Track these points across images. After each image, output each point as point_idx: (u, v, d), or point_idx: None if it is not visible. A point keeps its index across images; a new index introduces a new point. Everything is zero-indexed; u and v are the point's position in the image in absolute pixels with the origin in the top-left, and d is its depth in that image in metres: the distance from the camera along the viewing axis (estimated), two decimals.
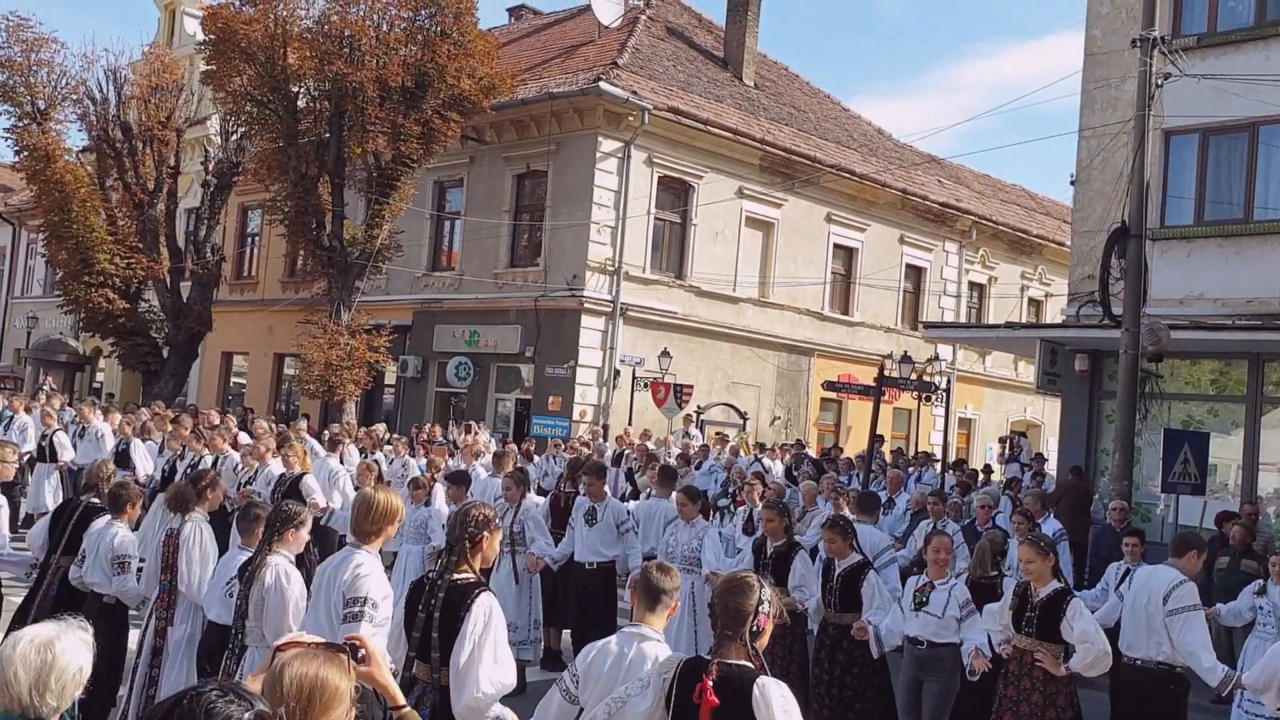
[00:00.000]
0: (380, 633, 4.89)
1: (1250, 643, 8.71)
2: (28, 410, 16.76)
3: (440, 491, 11.27)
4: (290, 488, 10.96)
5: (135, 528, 7.68)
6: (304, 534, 5.91)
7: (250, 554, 6.16)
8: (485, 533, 4.84)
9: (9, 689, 2.70)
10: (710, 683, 3.63)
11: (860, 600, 7.50)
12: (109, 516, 7.23)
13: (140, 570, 7.17)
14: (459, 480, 10.36)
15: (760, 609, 3.80)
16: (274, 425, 18.25)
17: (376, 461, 13.31)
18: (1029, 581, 6.62)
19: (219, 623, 6.17)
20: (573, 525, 9.81)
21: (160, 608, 6.88)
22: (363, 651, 2.87)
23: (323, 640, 2.58)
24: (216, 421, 16.50)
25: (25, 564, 7.75)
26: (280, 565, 5.64)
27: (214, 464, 12.30)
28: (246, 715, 2.15)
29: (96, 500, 7.61)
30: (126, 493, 7.38)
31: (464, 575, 4.76)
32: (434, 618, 4.66)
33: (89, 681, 2.87)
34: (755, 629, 3.80)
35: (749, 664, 3.73)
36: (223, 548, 7.33)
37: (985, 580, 7.95)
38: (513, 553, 9.41)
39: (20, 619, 7.19)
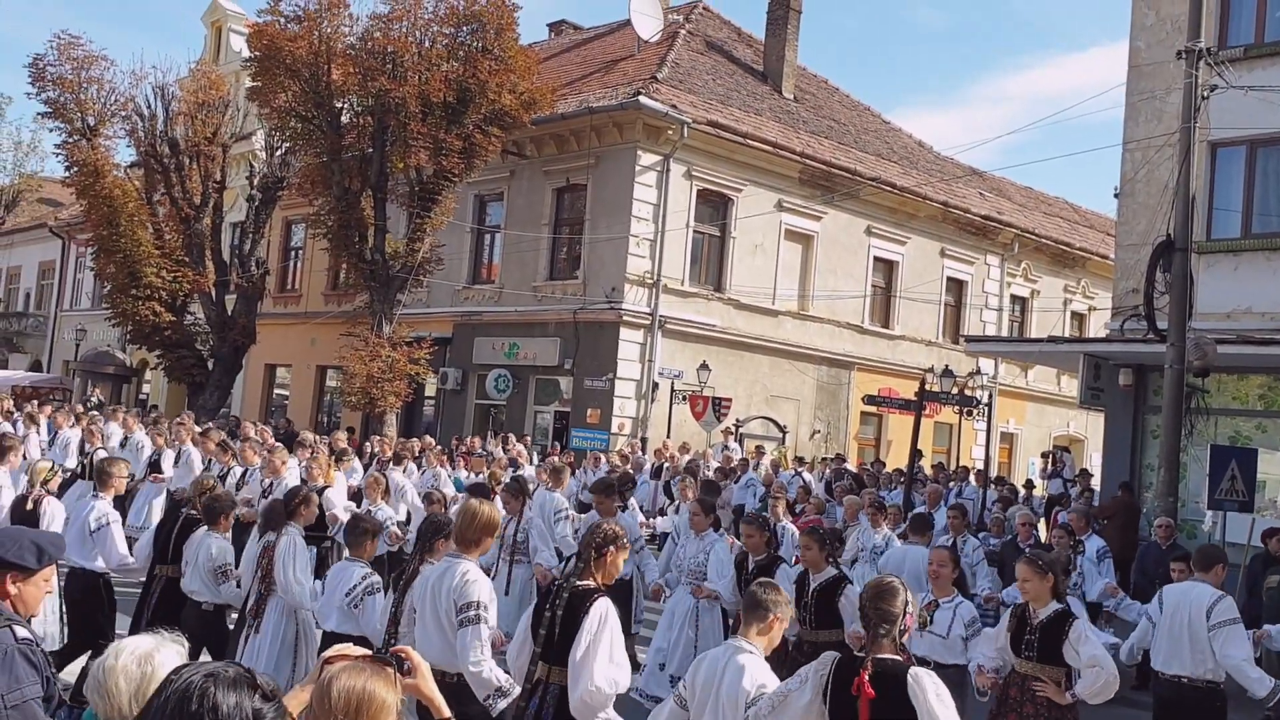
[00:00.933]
0: (493, 634, 5.34)
1: None
2: (73, 426, 16.96)
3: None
4: None
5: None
6: (452, 543, 6.27)
7: (360, 565, 6.66)
8: (611, 548, 5.20)
9: (111, 699, 2.78)
10: (867, 676, 4.03)
11: (838, 617, 7.14)
12: (205, 528, 7.66)
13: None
14: (477, 492, 10.27)
15: (906, 610, 4.25)
16: (318, 439, 18.40)
17: (388, 474, 13.24)
18: (1027, 602, 6.21)
19: (338, 631, 6.52)
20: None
21: (251, 616, 7.25)
22: (409, 663, 2.90)
23: (369, 653, 2.62)
24: (251, 434, 16.60)
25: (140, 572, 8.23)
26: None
27: (242, 476, 12.37)
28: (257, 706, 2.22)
29: (194, 512, 8.01)
30: (219, 504, 7.83)
31: (586, 583, 5.13)
32: (557, 617, 5.04)
33: None
34: (902, 628, 4.24)
35: (899, 658, 4.17)
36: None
37: None
38: (511, 563, 9.41)
39: (135, 627, 7.68)
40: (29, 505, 8.15)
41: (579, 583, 5.11)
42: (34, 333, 43.99)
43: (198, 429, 16.42)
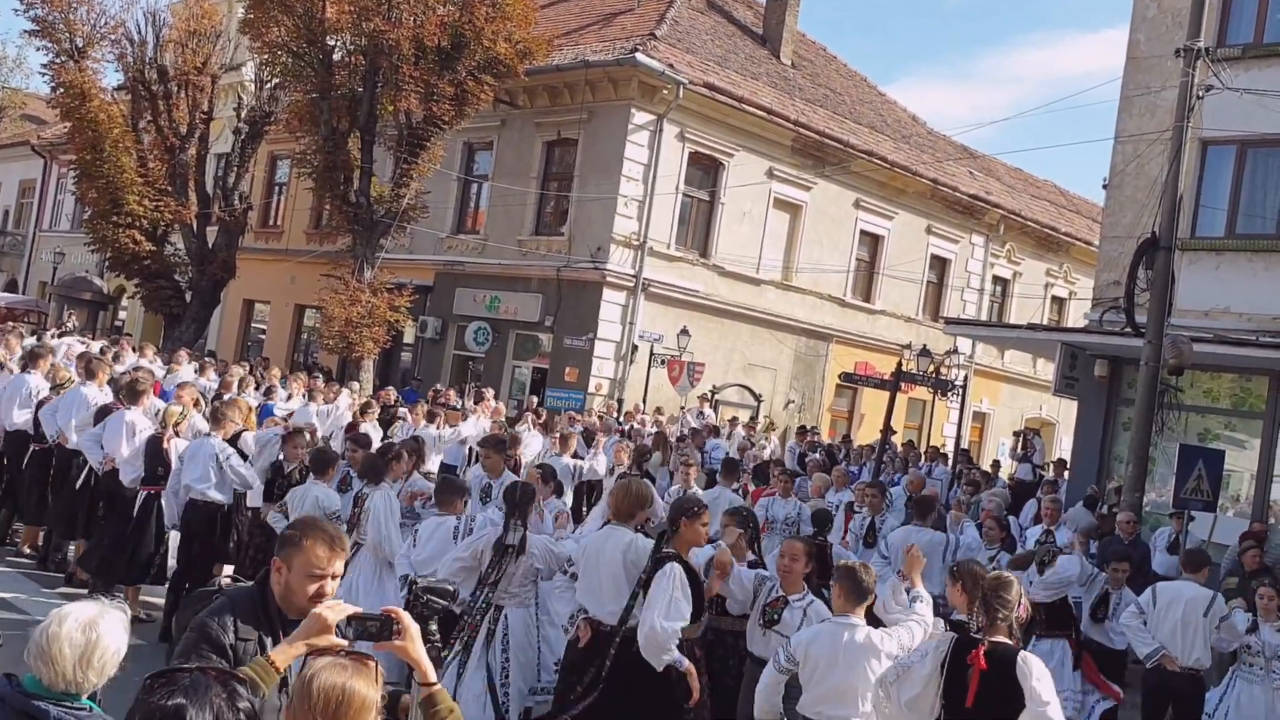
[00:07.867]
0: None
1: (1236, 684, 8.37)
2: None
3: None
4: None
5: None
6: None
7: (453, 520, 7.18)
8: None
9: (55, 665, 2.85)
10: (983, 652, 4.69)
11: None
12: (311, 477, 8.28)
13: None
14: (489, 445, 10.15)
15: (1020, 600, 4.88)
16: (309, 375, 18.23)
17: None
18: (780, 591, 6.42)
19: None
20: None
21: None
22: (399, 624, 2.90)
23: (353, 650, 2.64)
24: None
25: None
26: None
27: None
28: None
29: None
30: (326, 456, 8.49)
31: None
32: None
33: None
34: (1016, 616, 4.87)
35: (1010, 642, 4.81)
36: None
37: None
38: None
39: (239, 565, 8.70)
40: (164, 444, 9.07)
41: None
42: (11, 251, 43.49)
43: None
